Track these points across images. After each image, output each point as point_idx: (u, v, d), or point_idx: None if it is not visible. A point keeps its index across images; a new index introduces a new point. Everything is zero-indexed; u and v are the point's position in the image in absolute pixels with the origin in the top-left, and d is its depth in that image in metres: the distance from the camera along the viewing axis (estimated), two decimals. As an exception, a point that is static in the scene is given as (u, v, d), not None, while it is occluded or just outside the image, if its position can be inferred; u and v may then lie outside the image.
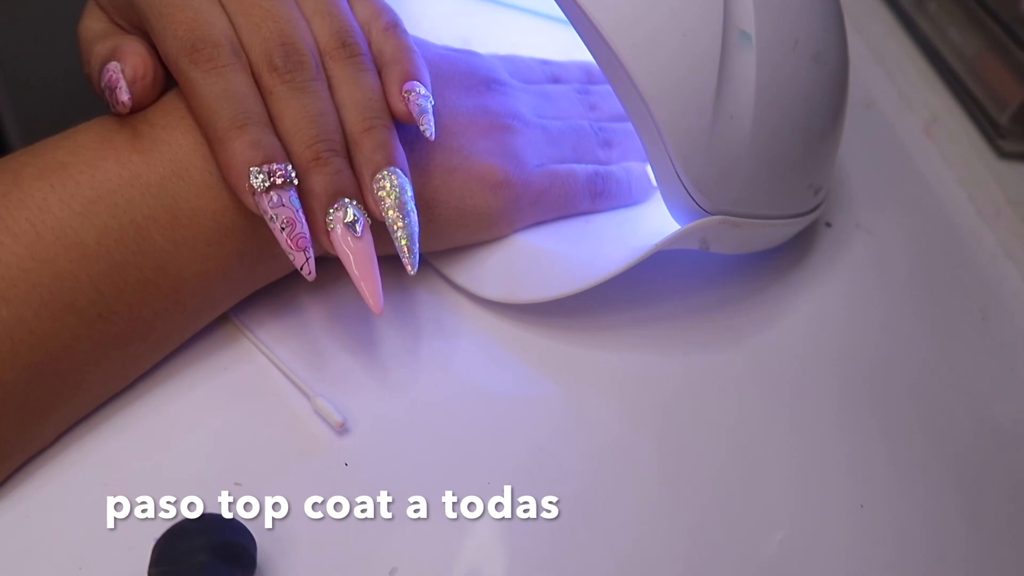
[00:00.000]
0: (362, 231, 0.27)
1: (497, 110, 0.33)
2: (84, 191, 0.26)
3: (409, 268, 0.28)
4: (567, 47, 0.40)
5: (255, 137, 0.26)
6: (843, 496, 0.30)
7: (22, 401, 0.25)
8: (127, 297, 0.26)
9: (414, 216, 0.28)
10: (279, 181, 0.26)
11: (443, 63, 0.33)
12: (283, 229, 0.26)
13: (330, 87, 0.28)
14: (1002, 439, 0.33)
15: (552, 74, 0.39)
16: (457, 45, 0.37)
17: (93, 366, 0.27)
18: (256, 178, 0.26)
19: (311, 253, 0.26)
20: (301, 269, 0.26)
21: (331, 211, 0.27)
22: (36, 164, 0.26)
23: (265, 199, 0.26)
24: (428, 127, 0.29)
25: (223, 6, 0.27)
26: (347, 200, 0.27)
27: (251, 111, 0.26)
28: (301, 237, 0.26)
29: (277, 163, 0.26)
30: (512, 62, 0.38)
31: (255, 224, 0.28)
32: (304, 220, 0.26)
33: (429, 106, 0.29)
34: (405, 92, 0.29)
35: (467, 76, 0.34)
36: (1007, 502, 0.31)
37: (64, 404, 0.27)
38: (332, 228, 0.27)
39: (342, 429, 0.28)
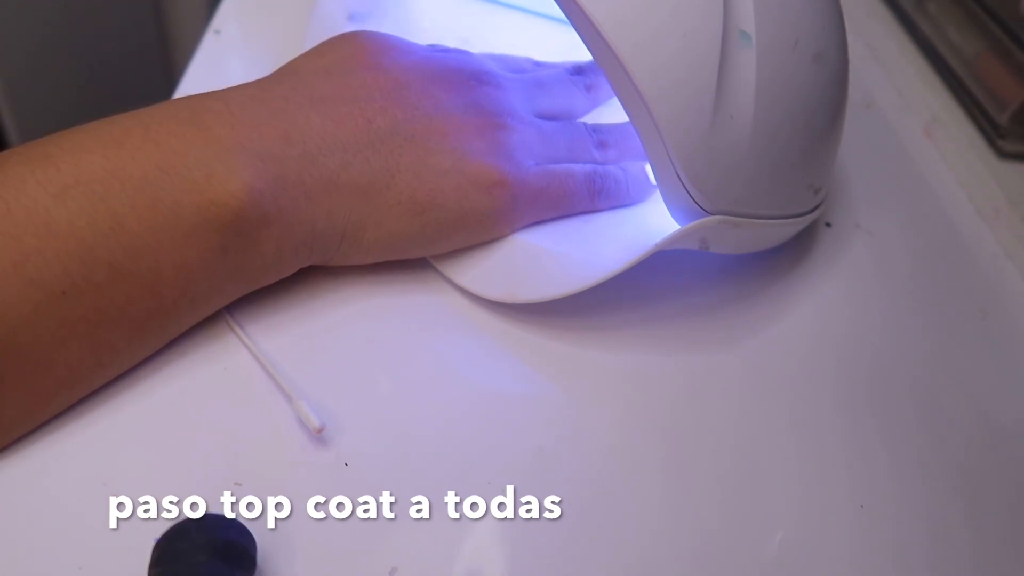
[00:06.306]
0: None
1: (490, 108, 0.33)
2: (64, 178, 0.26)
3: None
4: (567, 47, 0.40)
5: None
6: (843, 496, 0.30)
7: None
8: (96, 278, 0.26)
9: None
10: None
11: (431, 63, 0.33)
12: None
13: None
14: (1002, 439, 0.33)
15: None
16: (456, 45, 0.37)
17: (58, 344, 0.26)
18: None
19: None
20: None
21: None
22: (24, 153, 0.27)
23: None
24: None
25: None
26: None
27: None
28: None
29: None
30: (503, 60, 0.38)
31: (242, 223, 0.28)
32: None
33: None
34: None
35: (456, 73, 0.34)
36: (1007, 502, 0.31)
37: (27, 383, 0.26)
38: None
39: (320, 435, 0.28)
